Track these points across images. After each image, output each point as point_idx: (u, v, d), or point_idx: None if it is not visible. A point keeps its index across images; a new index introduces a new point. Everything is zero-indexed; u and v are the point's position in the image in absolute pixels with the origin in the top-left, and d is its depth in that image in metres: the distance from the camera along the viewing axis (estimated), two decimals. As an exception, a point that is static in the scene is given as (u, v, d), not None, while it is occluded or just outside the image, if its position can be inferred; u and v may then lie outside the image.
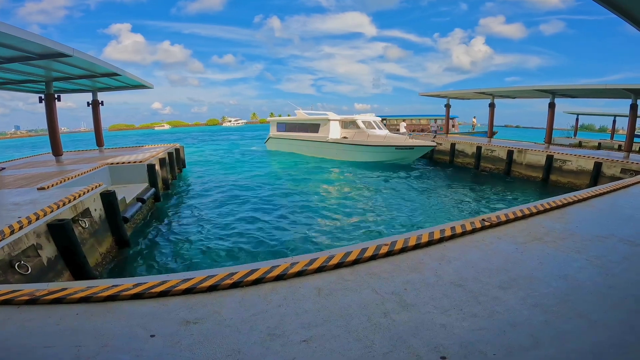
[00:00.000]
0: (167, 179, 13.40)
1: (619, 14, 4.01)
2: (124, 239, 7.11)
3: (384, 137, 19.60)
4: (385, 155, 19.11)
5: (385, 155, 19.07)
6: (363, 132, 20.36)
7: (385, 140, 19.10)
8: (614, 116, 29.10)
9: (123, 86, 14.55)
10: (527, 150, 15.65)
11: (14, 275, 4.08)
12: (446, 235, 3.70)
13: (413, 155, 18.93)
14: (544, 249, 3.48)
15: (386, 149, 18.90)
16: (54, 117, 11.50)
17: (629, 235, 3.88)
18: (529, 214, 4.54)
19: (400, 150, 18.58)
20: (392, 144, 18.70)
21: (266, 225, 8.95)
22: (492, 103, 20.73)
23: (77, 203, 5.95)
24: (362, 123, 20.87)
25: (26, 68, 9.42)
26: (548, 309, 2.39)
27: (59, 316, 2.38)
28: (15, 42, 6.99)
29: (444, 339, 2.06)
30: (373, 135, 20.01)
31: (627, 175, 11.01)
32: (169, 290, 2.63)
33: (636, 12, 4.02)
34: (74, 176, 8.31)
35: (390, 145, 18.73)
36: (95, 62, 9.80)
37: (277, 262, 3.10)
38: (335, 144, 21.37)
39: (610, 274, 2.93)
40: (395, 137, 19.66)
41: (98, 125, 15.72)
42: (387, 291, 2.64)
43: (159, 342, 2.07)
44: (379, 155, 19.24)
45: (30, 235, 4.55)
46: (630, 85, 13.02)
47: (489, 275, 2.88)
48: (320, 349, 1.98)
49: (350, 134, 20.93)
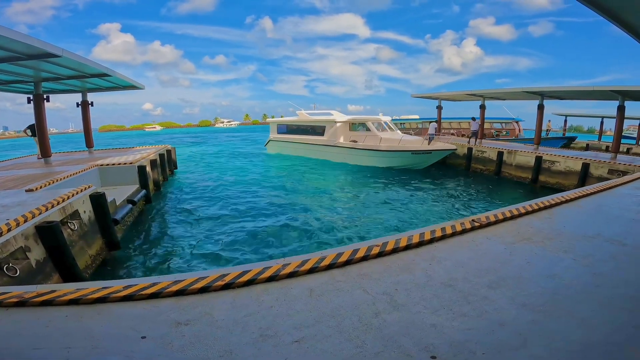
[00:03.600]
0: (158, 180, 13.31)
1: (606, 16, 4.09)
2: (114, 241, 7.04)
3: (399, 140, 18.23)
4: (400, 161, 17.79)
5: (400, 160, 17.75)
6: (375, 136, 18.86)
7: (401, 145, 17.82)
8: (602, 117, 29.60)
9: (113, 87, 14.42)
10: (516, 151, 15.84)
11: (2, 278, 4.02)
12: (437, 236, 3.73)
13: (430, 159, 17.58)
14: (532, 248, 3.53)
15: (402, 154, 17.59)
16: (42, 118, 11.36)
17: (616, 234, 3.95)
18: (517, 214, 4.60)
19: (417, 155, 17.34)
20: (408, 149, 17.47)
21: (258, 227, 8.93)
22: (483, 104, 20.93)
23: (66, 205, 5.88)
24: (373, 125, 19.46)
25: (15, 68, 9.31)
26: (536, 308, 2.43)
27: (48, 318, 2.36)
28: (4, 43, 6.91)
29: (434, 339, 2.08)
30: (386, 138, 18.54)
31: (615, 176, 11.20)
32: (160, 292, 2.62)
33: (622, 14, 4.11)
34: (63, 178, 8.21)
35: (406, 150, 17.49)
36: (85, 63, 9.71)
37: (269, 264, 3.11)
38: (343, 149, 19.76)
39: (597, 273, 2.98)
40: (411, 141, 18.43)
41: (88, 126, 15.53)
42: (378, 291, 2.65)
43: (150, 344, 2.06)
44: (393, 160, 17.88)
45: (18, 237, 4.49)
46: (618, 87, 13.26)
47: (478, 275, 2.92)
48: (312, 350, 1.99)
49: (360, 137, 19.32)
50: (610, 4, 3.88)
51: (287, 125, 24.61)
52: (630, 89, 12.94)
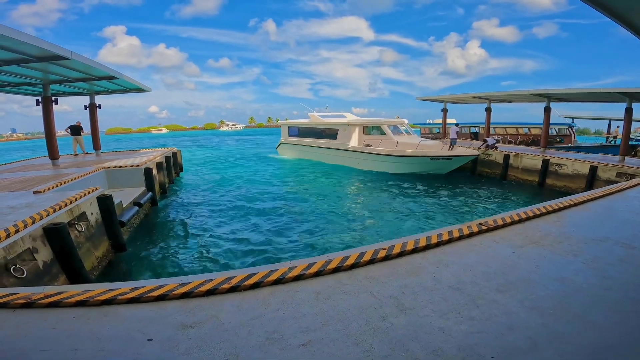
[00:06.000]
0: (164, 183, 13.36)
1: (612, 18, 4.05)
2: (120, 243, 7.07)
3: (417, 145, 17.18)
4: (417, 167, 16.83)
5: (418, 166, 16.80)
6: (390, 140, 17.90)
7: (419, 150, 16.79)
8: (609, 120, 29.31)
9: (120, 89, 14.54)
10: (522, 154, 15.74)
11: (9, 279, 4.05)
12: (444, 240, 3.71)
13: (450, 166, 16.61)
14: (541, 252, 3.49)
15: (420, 160, 16.60)
16: (51, 120, 11.47)
17: (625, 237, 3.91)
18: (525, 217, 4.56)
19: (435, 161, 16.37)
20: (426, 154, 16.47)
21: (265, 230, 8.93)
22: (489, 107, 20.85)
23: (74, 207, 5.92)
24: (389, 128, 18.53)
25: (24, 70, 9.41)
26: (545, 311, 2.40)
27: (55, 320, 2.37)
28: (13, 45, 6.98)
29: (442, 343, 2.06)
30: (403, 143, 17.57)
31: (623, 179, 11.08)
32: (167, 294, 2.62)
33: (629, 16, 4.07)
34: (71, 180, 8.27)
35: (424, 155, 16.48)
36: (93, 65, 9.80)
37: (275, 267, 3.10)
38: (356, 153, 18.87)
39: (606, 276, 2.95)
40: (430, 146, 17.39)
41: (95, 129, 15.67)
42: (385, 295, 2.64)
43: (157, 346, 2.06)
44: (410, 166, 16.90)
45: (26, 238, 4.52)
46: (625, 89, 13.14)
47: (486, 279, 2.89)
48: (318, 353, 1.98)
49: (375, 141, 18.44)
50: (616, 5, 3.84)
51: (299, 128, 23.87)
52: (637, 91, 12.82)
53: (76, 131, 16.00)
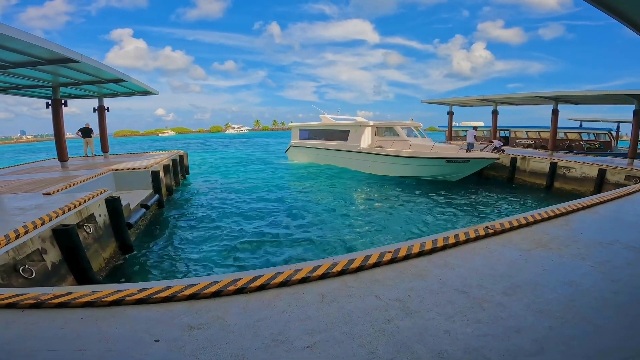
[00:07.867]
0: (171, 185, 13.45)
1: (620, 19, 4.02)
2: (127, 244, 7.14)
3: (431, 147, 16.46)
4: (430, 170, 16.07)
5: (431, 169, 16.04)
6: (404, 141, 17.27)
7: (433, 151, 16.04)
8: (618, 122, 28.98)
9: (129, 92, 14.70)
10: (530, 157, 15.63)
11: (18, 279, 4.10)
12: (449, 243, 3.69)
13: (467, 169, 15.69)
14: (548, 255, 3.47)
15: (434, 161, 15.83)
16: (60, 123, 11.64)
17: (633, 241, 3.86)
18: (532, 221, 4.53)
19: (451, 164, 15.52)
20: (441, 156, 15.65)
21: (270, 233, 8.94)
22: (495, 110, 20.74)
23: (82, 208, 5.99)
24: (402, 130, 18.06)
25: (34, 73, 9.56)
26: (552, 314, 2.38)
27: (64, 320, 2.39)
28: (24, 47, 7.09)
29: (448, 345, 2.06)
30: (417, 144, 16.90)
31: (632, 182, 10.96)
32: (173, 295, 2.64)
33: (635, 16, 4.03)
34: (79, 182, 8.36)
35: (439, 157, 15.66)
36: (102, 68, 9.92)
37: (281, 269, 3.11)
38: (367, 154, 18.35)
39: (614, 280, 2.92)
40: (445, 148, 16.66)
41: (103, 131, 15.86)
42: (390, 298, 2.63)
43: (163, 347, 2.07)
44: (423, 169, 16.21)
45: (35, 239, 4.58)
46: (634, 91, 13.02)
47: (493, 282, 2.87)
48: (324, 355, 1.98)
49: (388, 143, 17.84)
50: (622, 7, 3.80)
51: (310, 130, 23.34)
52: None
53: (87, 133, 16.30)
